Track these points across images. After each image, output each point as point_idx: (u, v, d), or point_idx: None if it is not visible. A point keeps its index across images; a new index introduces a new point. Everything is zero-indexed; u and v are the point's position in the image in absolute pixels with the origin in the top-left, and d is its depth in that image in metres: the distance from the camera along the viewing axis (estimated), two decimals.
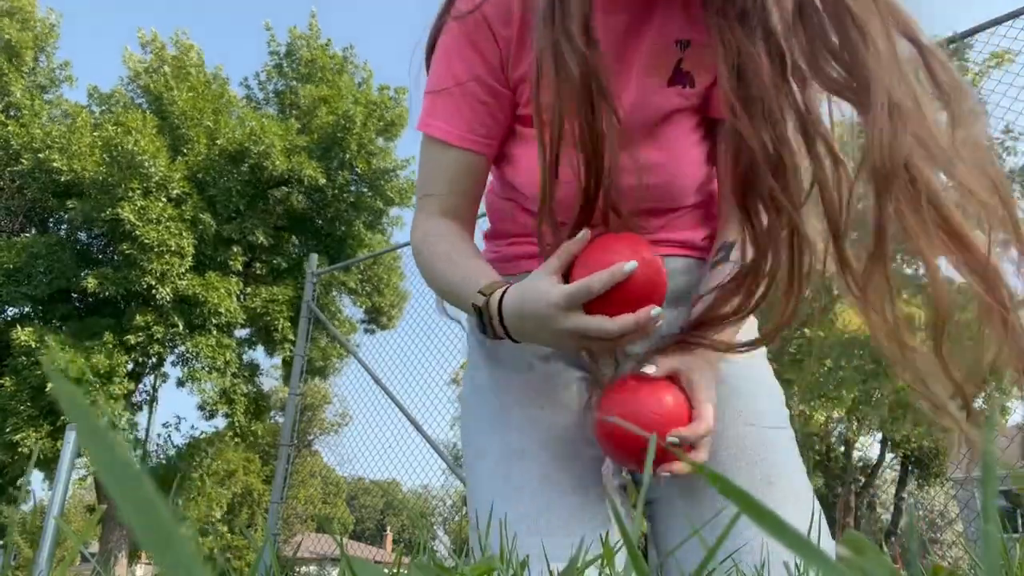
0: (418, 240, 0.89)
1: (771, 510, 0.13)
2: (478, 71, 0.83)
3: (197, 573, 0.11)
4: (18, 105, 12.11)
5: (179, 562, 0.11)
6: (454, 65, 0.83)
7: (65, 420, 9.38)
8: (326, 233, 12.82)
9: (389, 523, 30.12)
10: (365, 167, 12.49)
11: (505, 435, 0.88)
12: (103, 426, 0.11)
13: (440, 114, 0.85)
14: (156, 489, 0.11)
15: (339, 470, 16.98)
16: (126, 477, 0.11)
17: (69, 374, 9.69)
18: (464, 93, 0.83)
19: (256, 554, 0.41)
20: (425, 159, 0.88)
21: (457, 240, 0.86)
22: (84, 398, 0.12)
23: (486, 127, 0.85)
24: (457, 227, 0.88)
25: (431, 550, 0.65)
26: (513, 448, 0.86)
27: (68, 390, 0.11)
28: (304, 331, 4.58)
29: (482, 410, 0.92)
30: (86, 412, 0.11)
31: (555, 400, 0.88)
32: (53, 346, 9.73)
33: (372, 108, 12.68)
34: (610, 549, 0.38)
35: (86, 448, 0.11)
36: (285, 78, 13.61)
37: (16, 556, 2.68)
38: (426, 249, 0.87)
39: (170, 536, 0.11)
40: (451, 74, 0.84)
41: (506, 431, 0.88)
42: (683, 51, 0.82)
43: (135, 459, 0.11)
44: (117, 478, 0.11)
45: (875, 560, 0.20)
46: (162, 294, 10.45)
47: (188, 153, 11.58)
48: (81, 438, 0.11)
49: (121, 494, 0.11)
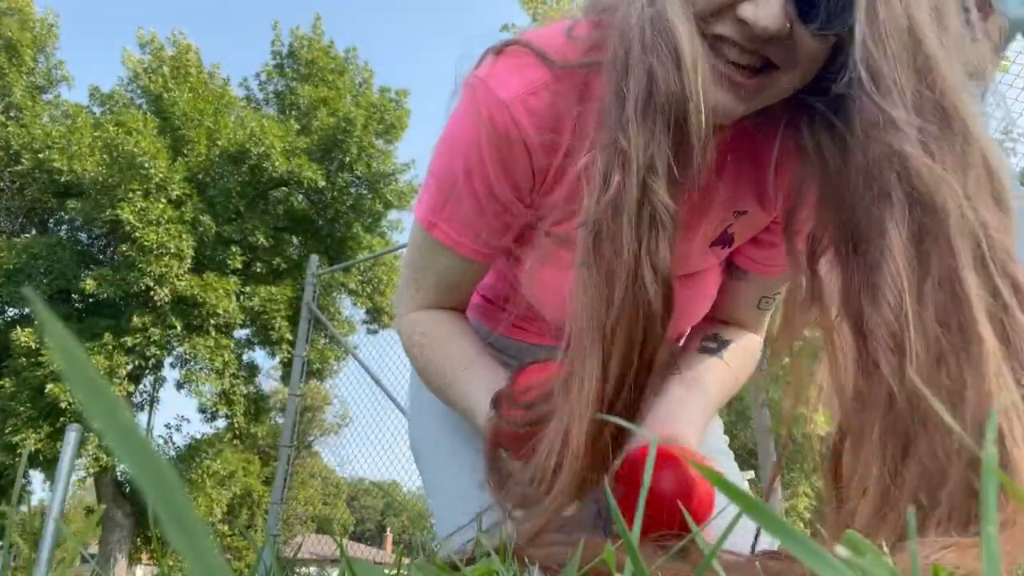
0: (406, 335, 0.86)
1: (773, 511, 0.13)
2: (498, 188, 0.73)
3: (217, 563, 0.11)
4: (19, 106, 12.10)
5: (196, 546, 0.11)
6: (473, 177, 0.73)
7: (65, 421, 9.37)
8: (326, 234, 12.83)
9: (389, 524, 30.09)
10: (365, 169, 12.50)
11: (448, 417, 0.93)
12: (109, 390, 0.11)
13: (447, 217, 0.76)
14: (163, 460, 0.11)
15: (339, 471, 16.95)
16: (143, 456, 0.11)
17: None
18: (478, 205, 0.74)
19: (256, 555, 0.41)
20: (422, 251, 0.81)
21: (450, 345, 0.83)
22: (88, 362, 0.12)
23: (496, 237, 0.78)
24: (445, 315, 0.85)
25: (431, 551, 0.65)
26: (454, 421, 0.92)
27: (71, 355, 0.11)
28: (304, 332, 4.58)
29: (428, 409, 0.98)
30: (88, 372, 0.11)
31: None
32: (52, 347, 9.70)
33: (372, 111, 12.68)
34: (611, 552, 0.38)
35: (88, 408, 0.11)
36: (285, 78, 13.61)
37: (16, 557, 2.70)
38: (419, 353, 0.85)
39: (172, 491, 0.11)
40: (469, 179, 0.73)
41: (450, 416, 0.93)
42: (737, 218, 0.79)
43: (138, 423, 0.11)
44: (136, 459, 0.11)
45: (875, 560, 0.20)
46: (160, 295, 10.45)
47: (188, 154, 11.59)
48: (78, 391, 0.11)
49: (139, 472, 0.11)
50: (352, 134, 12.09)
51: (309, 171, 11.62)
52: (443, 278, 0.81)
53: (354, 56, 13.79)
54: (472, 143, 0.71)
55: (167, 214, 10.69)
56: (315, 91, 12.65)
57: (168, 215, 10.70)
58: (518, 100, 0.68)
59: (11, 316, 11.62)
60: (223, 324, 11.24)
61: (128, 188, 10.43)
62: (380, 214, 13.13)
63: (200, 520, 0.11)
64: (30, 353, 9.91)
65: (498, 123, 0.69)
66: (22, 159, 11.47)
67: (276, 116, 13.16)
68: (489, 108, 0.69)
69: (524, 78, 0.69)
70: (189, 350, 10.94)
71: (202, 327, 11.02)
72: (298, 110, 12.95)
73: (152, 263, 10.36)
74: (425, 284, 0.83)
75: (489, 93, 0.69)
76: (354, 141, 12.12)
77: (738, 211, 0.78)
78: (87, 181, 10.75)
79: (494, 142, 0.70)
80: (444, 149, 0.76)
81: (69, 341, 0.11)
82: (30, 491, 11.83)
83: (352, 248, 12.63)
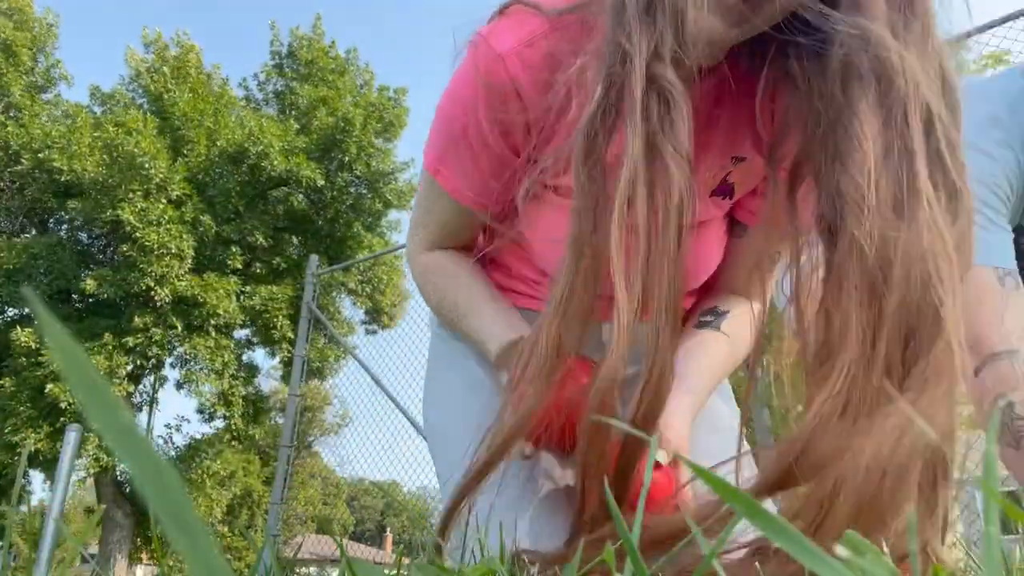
0: (419, 273, 0.90)
1: (769, 512, 0.13)
2: (494, 143, 0.75)
3: (217, 563, 0.11)
4: (18, 105, 12.10)
5: (196, 546, 0.11)
6: (470, 131, 0.75)
7: (65, 421, 9.38)
8: (325, 234, 12.82)
9: (389, 524, 30.12)
10: (364, 169, 12.49)
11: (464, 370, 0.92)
12: (109, 390, 0.11)
13: (451, 165, 0.79)
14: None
15: (339, 471, 16.95)
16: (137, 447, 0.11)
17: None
18: (474, 158, 0.77)
19: (256, 555, 0.41)
20: (427, 193, 0.85)
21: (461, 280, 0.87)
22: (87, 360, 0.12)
23: (496, 189, 0.79)
24: (455, 255, 0.89)
25: (431, 551, 0.65)
26: (474, 378, 0.90)
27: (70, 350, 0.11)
28: (304, 332, 4.58)
29: (442, 371, 0.98)
30: (88, 372, 0.11)
31: None
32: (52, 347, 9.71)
33: (372, 110, 12.67)
34: (611, 552, 0.38)
35: (84, 402, 0.11)
36: (285, 78, 13.61)
37: (16, 557, 2.71)
38: (432, 290, 0.90)
39: (181, 507, 0.11)
40: (466, 133, 0.75)
41: (464, 369, 0.92)
42: (735, 165, 0.79)
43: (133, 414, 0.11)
44: (129, 451, 0.11)
45: (875, 561, 0.20)
46: (160, 295, 10.46)
47: (189, 154, 11.59)
48: (74, 384, 0.11)
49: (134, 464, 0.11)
50: (351, 133, 12.08)
51: (308, 170, 11.62)
52: (447, 221, 0.86)
53: (355, 57, 13.79)
54: (470, 99, 0.73)
55: (167, 214, 10.69)
56: (315, 91, 12.65)
57: (168, 215, 10.70)
58: (513, 53, 0.70)
59: (11, 316, 11.63)
60: (223, 324, 11.24)
61: (128, 188, 10.43)
62: (380, 213, 13.12)
63: (200, 520, 0.11)
64: (30, 353, 9.92)
65: (494, 77, 0.70)
66: (22, 159, 11.47)
67: (275, 116, 13.16)
68: (487, 63, 0.71)
69: (520, 32, 0.70)
70: (189, 350, 10.95)
71: (202, 327, 11.02)
72: (297, 110, 12.95)
73: (153, 263, 10.36)
74: (432, 225, 0.87)
75: (488, 48, 0.71)
76: (353, 140, 12.11)
77: (736, 157, 0.78)
78: (87, 181, 10.75)
79: (490, 96, 0.71)
80: (446, 101, 0.78)
81: (68, 341, 0.11)
82: (30, 491, 11.84)
83: (352, 247, 12.63)
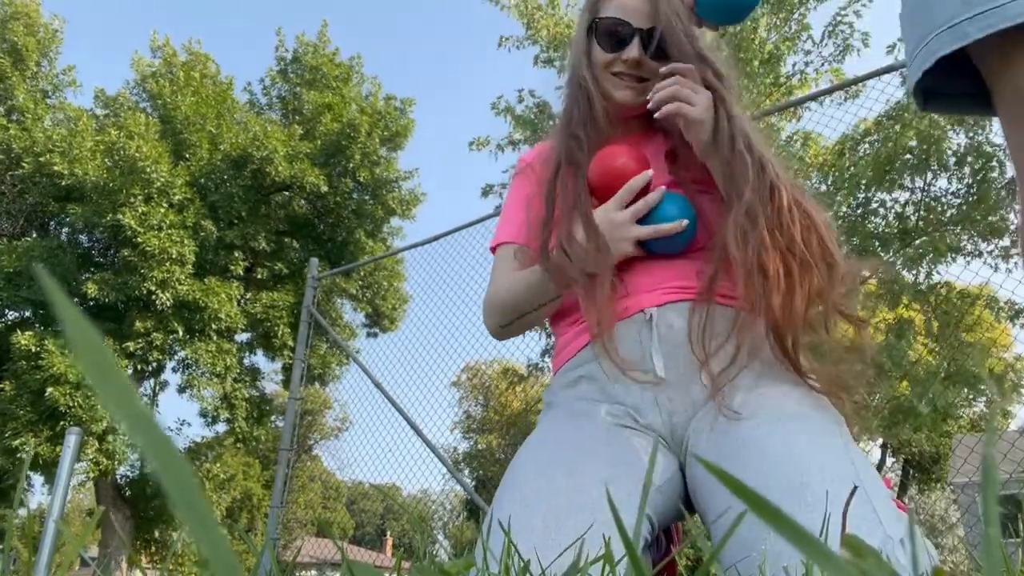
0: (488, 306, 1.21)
1: (779, 510, 0.13)
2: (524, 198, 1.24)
3: (225, 552, 0.11)
4: (21, 109, 12.13)
5: (202, 522, 0.11)
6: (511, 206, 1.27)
7: (65, 425, 9.36)
8: (327, 239, 12.83)
9: (389, 527, 30.07)
10: (368, 176, 12.50)
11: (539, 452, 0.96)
12: (123, 376, 0.11)
13: (497, 231, 1.27)
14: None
15: (339, 474, 16.95)
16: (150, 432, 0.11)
17: (68, 379, 9.69)
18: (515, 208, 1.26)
19: (256, 558, 0.41)
20: (493, 269, 1.23)
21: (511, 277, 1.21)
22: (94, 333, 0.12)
23: (528, 227, 1.21)
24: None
25: (431, 554, 0.65)
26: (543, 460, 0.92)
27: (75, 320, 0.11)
28: (304, 336, 4.58)
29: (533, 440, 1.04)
30: (102, 354, 0.11)
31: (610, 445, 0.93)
32: (53, 350, 9.72)
33: (378, 118, 12.69)
34: (611, 553, 0.37)
35: (98, 387, 0.11)
36: (289, 83, 13.63)
37: (15, 561, 2.69)
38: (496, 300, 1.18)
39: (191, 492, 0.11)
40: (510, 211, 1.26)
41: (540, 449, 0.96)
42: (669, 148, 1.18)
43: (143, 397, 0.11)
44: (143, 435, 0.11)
45: (875, 563, 0.20)
46: (162, 300, 10.45)
47: (191, 159, 11.59)
48: (86, 367, 0.11)
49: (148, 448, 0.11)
50: (356, 140, 12.10)
51: (311, 176, 11.63)
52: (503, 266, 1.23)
53: (359, 64, 13.81)
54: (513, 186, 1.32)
55: (169, 219, 10.70)
56: (319, 96, 12.67)
57: (170, 220, 10.71)
58: (531, 154, 1.32)
59: (11, 319, 11.63)
60: (225, 329, 11.24)
61: (130, 193, 10.43)
62: (382, 220, 13.13)
63: (208, 504, 0.11)
64: (30, 356, 9.91)
65: (520, 165, 1.31)
66: (23, 163, 11.48)
67: (279, 121, 13.18)
68: (520, 161, 1.33)
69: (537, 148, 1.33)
70: (191, 355, 10.94)
71: (204, 331, 11.02)
72: (302, 116, 12.96)
73: (154, 268, 10.36)
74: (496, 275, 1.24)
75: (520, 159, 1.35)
76: (358, 147, 12.13)
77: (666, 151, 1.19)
78: (88, 185, 10.76)
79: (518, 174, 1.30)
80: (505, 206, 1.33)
81: (84, 324, 0.11)
82: (31, 491, 11.82)
83: (353, 254, 12.63)
